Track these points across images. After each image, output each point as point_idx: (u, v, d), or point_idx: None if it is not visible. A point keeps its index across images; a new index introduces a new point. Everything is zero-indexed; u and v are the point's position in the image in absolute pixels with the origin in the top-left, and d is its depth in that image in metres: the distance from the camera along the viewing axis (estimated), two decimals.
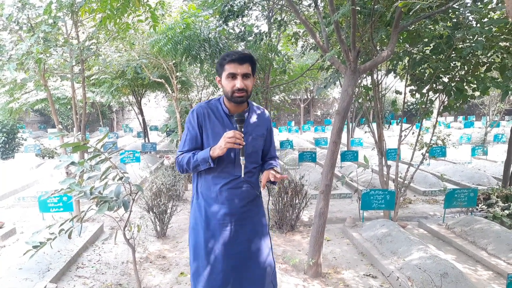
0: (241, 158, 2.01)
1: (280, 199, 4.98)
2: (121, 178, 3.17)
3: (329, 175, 3.64)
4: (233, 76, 1.98)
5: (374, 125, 5.37)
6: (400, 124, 5.28)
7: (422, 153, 5.51)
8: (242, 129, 2.02)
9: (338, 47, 5.19)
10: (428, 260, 3.47)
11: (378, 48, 4.48)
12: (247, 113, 2.16)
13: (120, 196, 3.11)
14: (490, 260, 3.83)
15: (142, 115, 12.79)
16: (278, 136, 15.96)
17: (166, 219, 4.84)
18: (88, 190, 3.04)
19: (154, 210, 4.72)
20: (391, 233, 4.27)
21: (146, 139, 13.38)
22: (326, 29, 3.77)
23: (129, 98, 13.59)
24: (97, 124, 21.20)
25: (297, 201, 4.96)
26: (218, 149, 1.97)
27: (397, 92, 5.31)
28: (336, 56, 3.67)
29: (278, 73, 8.48)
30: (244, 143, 1.97)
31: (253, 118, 2.18)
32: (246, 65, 2.00)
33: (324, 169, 3.68)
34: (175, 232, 5.02)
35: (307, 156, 8.58)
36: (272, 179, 2.07)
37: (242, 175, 2.04)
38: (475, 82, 4.61)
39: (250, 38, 6.16)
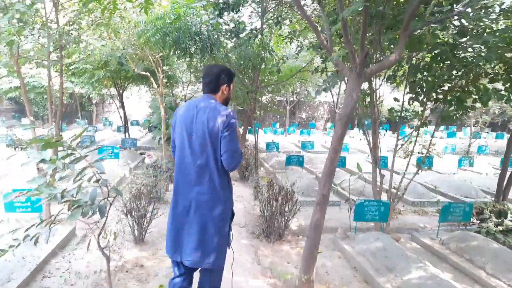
0: None
1: (269, 206, 4.69)
2: (98, 181, 2.81)
3: (327, 185, 3.37)
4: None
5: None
6: (396, 133, 5.08)
7: (413, 164, 5.35)
8: None
9: (340, 47, 4.95)
10: (428, 281, 3.25)
11: (379, 52, 4.25)
12: None
13: (95, 201, 2.75)
14: (490, 280, 3.64)
15: (124, 109, 12.28)
16: (263, 137, 15.69)
17: (145, 223, 4.47)
18: (59, 194, 2.67)
19: (133, 214, 4.34)
20: (385, 247, 4.04)
21: (127, 134, 12.86)
22: (332, 28, 3.49)
23: (110, 91, 13.04)
24: (75, 115, 20.37)
25: (286, 208, 4.68)
26: None
27: (395, 99, 5.10)
28: (340, 58, 3.41)
29: (267, 73, 8.22)
30: None
31: None
32: None
33: (322, 178, 3.41)
34: (155, 238, 4.65)
35: (294, 160, 8.32)
36: None
37: None
38: (475, 92, 4.45)
39: (242, 35, 5.87)
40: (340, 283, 3.71)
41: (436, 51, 4.36)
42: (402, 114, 5.25)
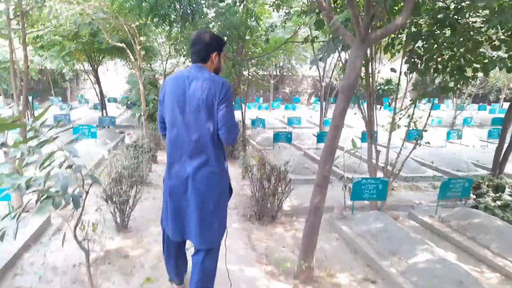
0: None
1: (261, 186, 4.39)
2: (70, 167, 2.42)
3: (327, 165, 3.07)
4: None
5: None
6: (393, 106, 4.81)
7: (401, 138, 5.14)
8: None
9: (334, 13, 4.55)
10: (437, 265, 3.04)
11: (385, 16, 3.90)
12: None
13: (69, 190, 2.37)
14: (496, 260, 3.48)
15: (99, 85, 11.59)
16: (247, 113, 15.26)
17: (128, 208, 4.11)
18: (23, 183, 2.26)
19: (114, 199, 3.97)
20: (387, 228, 3.83)
21: (104, 112, 12.23)
22: None
23: (84, 65, 12.25)
24: (48, 93, 19.32)
25: (280, 189, 4.40)
26: None
27: (392, 70, 4.79)
28: (340, 21, 3.04)
29: (250, 45, 7.74)
30: None
31: None
32: None
33: (322, 157, 3.10)
34: (139, 224, 4.31)
35: (282, 137, 8.02)
36: None
37: None
38: (476, 61, 4.19)
39: (224, 3, 5.40)
40: (341, 268, 3.48)
41: (439, 16, 4.04)
42: (392, 86, 4.98)
